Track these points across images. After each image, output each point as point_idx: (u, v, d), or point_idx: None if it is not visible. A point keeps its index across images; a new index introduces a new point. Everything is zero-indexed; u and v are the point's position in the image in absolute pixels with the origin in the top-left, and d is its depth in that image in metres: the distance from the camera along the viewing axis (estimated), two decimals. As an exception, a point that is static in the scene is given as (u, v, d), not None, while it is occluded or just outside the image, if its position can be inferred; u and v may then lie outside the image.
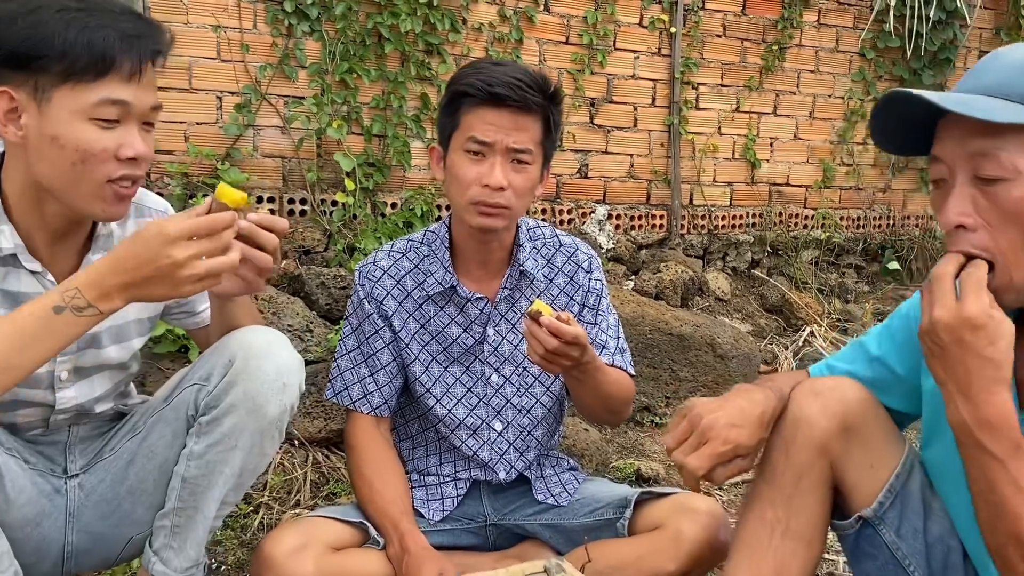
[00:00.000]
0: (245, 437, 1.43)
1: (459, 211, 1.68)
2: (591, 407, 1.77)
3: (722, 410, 1.28)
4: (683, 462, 1.26)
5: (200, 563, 1.53)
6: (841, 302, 4.48)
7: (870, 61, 4.61)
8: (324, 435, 2.52)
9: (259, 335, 1.45)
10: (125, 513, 1.54)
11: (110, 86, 1.28)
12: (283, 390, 1.44)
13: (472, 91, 1.61)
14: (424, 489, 1.81)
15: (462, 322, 1.77)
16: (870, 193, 4.80)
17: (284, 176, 3.29)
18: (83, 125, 1.27)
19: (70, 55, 1.24)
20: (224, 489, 1.47)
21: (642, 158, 4.09)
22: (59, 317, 1.20)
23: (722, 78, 4.23)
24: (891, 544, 1.31)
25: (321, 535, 1.59)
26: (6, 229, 1.36)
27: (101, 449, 1.55)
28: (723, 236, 4.35)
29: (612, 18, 3.88)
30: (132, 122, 1.32)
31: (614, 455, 2.82)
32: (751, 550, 1.32)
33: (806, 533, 1.30)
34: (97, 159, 1.29)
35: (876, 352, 1.43)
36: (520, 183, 1.64)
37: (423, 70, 3.44)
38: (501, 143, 1.61)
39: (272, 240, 1.35)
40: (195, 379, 1.47)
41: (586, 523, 1.74)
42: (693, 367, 3.26)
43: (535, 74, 1.64)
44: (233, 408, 1.41)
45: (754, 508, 1.33)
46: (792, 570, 1.30)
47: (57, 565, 1.52)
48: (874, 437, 1.30)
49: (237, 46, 3.13)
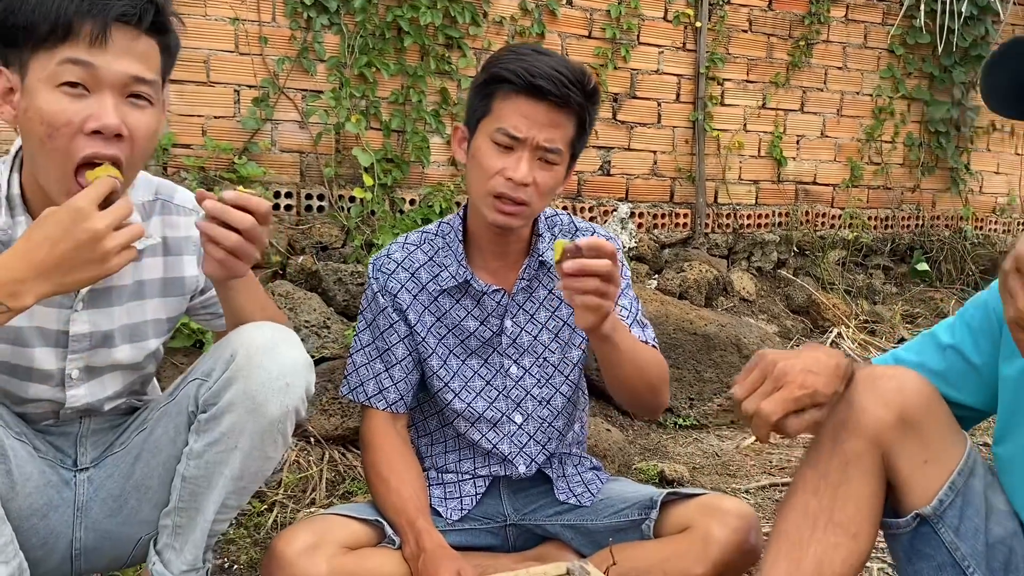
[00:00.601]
0: (245, 438, 1.35)
1: (477, 201, 1.61)
2: (628, 382, 1.62)
3: (797, 358, 1.20)
4: (755, 408, 1.17)
5: (199, 567, 1.46)
6: (869, 303, 4.38)
7: (899, 58, 4.51)
8: (340, 433, 2.46)
9: (264, 331, 1.37)
10: (132, 511, 1.49)
11: (71, 48, 1.20)
12: (285, 390, 1.34)
13: (512, 78, 1.53)
14: (442, 487, 1.74)
15: (479, 315, 1.71)
16: (899, 192, 4.70)
17: (302, 171, 3.24)
18: (50, 93, 1.20)
19: (32, 22, 1.19)
20: (224, 492, 1.40)
21: (666, 155, 4.02)
22: None
23: (748, 74, 4.15)
24: (950, 544, 1.23)
25: (335, 534, 1.52)
26: (23, 220, 1.31)
27: (112, 443, 1.50)
28: (748, 235, 4.27)
29: (636, 12, 3.81)
30: (104, 91, 1.22)
31: (636, 457, 2.75)
32: (791, 542, 1.24)
33: (851, 526, 1.23)
34: (61, 133, 1.20)
35: (949, 341, 1.36)
36: (544, 181, 1.57)
37: (443, 64, 3.39)
38: (533, 139, 1.54)
39: (243, 220, 1.26)
40: (198, 374, 1.41)
41: (610, 524, 1.67)
42: (718, 368, 3.18)
43: (577, 69, 1.56)
44: (232, 406, 1.33)
45: (797, 496, 1.26)
46: (835, 564, 1.22)
47: (65, 562, 1.47)
48: (932, 431, 1.23)
49: (255, 39, 3.09)
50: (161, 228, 1.47)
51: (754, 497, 2.51)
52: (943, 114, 4.59)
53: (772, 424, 1.16)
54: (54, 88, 1.20)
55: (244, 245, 1.27)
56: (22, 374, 1.38)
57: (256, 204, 1.27)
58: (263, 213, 1.28)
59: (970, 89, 4.66)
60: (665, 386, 1.69)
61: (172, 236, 1.48)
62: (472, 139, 1.61)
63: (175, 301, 1.52)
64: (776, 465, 2.80)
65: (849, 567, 1.24)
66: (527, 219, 1.62)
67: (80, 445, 1.48)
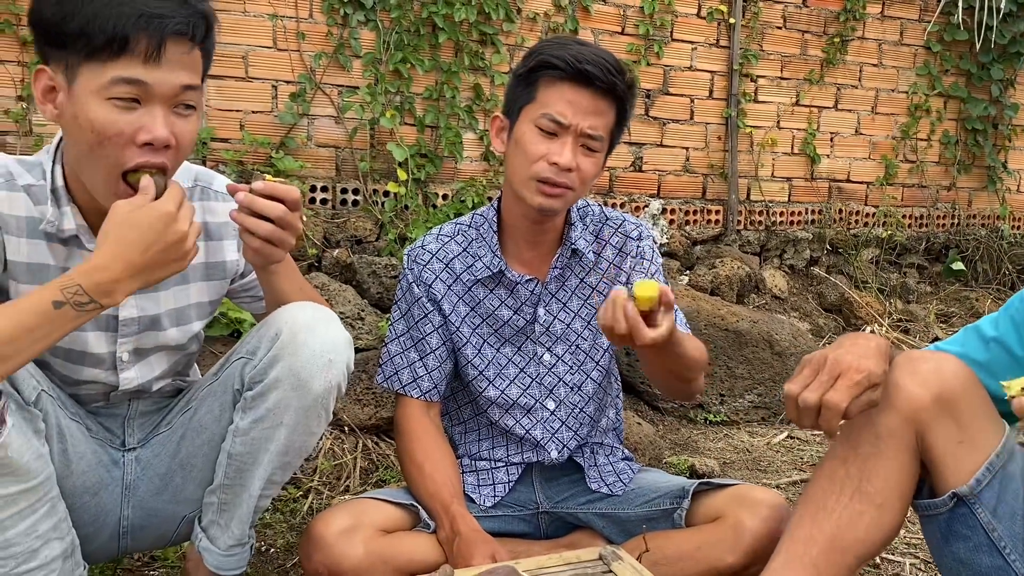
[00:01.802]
0: (290, 414, 1.40)
1: (518, 187, 1.63)
2: (669, 373, 1.64)
3: (842, 348, 1.24)
4: (819, 401, 1.20)
5: (245, 543, 1.52)
6: (903, 302, 4.34)
7: (936, 55, 4.46)
8: (374, 422, 2.50)
9: (306, 310, 1.41)
10: (177, 488, 1.53)
11: (127, 66, 1.21)
12: (329, 366, 1.39)
13: (560, 64, 1.55)
14: (475, 474, 1.77)
15: (512, 304, 1.73)
16: (934, 191, 4.65)
17: (337, 165, 3.29)
18: (100, 105, 1.22)
19: (87, 32, 1.20)
20: (269, 468, 1.44)
21: (698, 151, 4.01)
22: (58, 312, 1.15)
23: (782, 71, 4.13)
24: (987, 525, 1.24)
25: (371, 517, 1.56)
26: (68, 210, 1.35)
27: (158, 424, 1.54)
28: (781, 233, 4.25)
29: (669, 8, 3.81)
30: (155, 103, 1.25)
31: (667, 451, 2.75)
32: (816, 505, 1.28)
33: (878, 496, 1.25)
34: (112, 142, 1.23)
35: (993, 334, 1.37)
36: (587, 168, 1.60)
37: (477, 60, 3.41)
38: (577, 126, 1.57)
39: (274, 208, 1.31)
40: (242, 352, 1.45)
41: (642, 513, 1.68)
42: (750, 364, 3.18)
43: (618, 61, 1.59)
44: (278, 383, 1.38)
45: (826, 465, 1.29)
46: (857, 530, 1.25)
47: (114, 539, 1.52)
48: (968, 414, 1.24)
49: (293, 35, 3.14)
50: (201, 214, 1.51)
51: (785, 492, 2.51)
52: (980, 112, 4.53)
53: (843, 412, 1.19)
54: (105, 100, 1.22)
55: (278, 232, 1.32)
56: (76, 358, 1.43)
57: (284, 192, 1.32)
58: (293, 200, 1.32)
59: (1008, 86, 4.59)
60: (700, 374, 1.70)
61: (212, 221, 1.52)
62: (514, 126, 1.63)
63: (217, 285, 1.56)
64: (807, 461, 2.79)
65: (872, 535, 1.26)
66: (569, 203, 1.65)
67: (128, 426, 1.53)
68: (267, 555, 1.97)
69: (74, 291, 1.16)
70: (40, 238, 1.35)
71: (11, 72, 2.80)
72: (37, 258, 1.35)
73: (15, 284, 1.34)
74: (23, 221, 1.33)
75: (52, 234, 1.35)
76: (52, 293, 1.16)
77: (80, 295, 1.16)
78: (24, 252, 1.33)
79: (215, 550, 1.50)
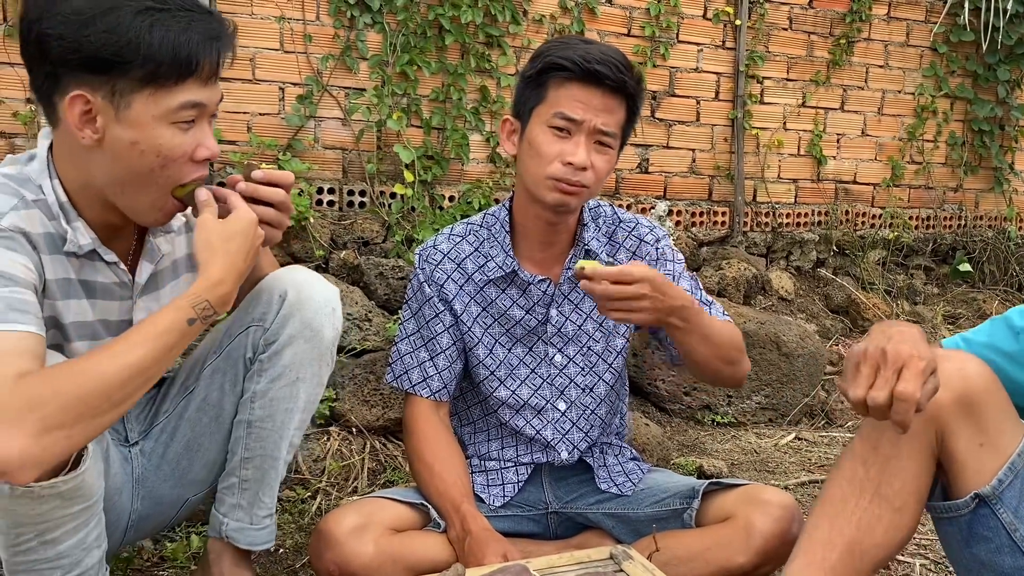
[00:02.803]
0: (306, 367, 1.49)
1: (533, 187, 1.63)
2: (705, 360, 1.64)
3: (890, 340, 1.16)
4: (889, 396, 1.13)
5: (272, 512, 1.57)
6: (910, 304, 4.33)
7: (942, 56, 4.45)
8: (382, 423, 2.50)
9: (299, 272, 1.54)
10: (183, 471, 1.55)
11: (191, 89, 1.26)
12: (333, 314, 1.52)
13: (569, 65, 1.56)
14: (485, 475, 1.77)
15: (524, 304, 1.73)
16: (940, 192, 4.64)
17: (344, 167, 3.29)
18: (164, 129, 1.27)
19: (154, 59, 1.22)
20: (292, 427, 1.51)
21: (704, 153, 4.01)
22: (191, 328, 1.26)
23: (788, 72, 4.13)
24: (1009, 525, 1.23)
25: (381, 516, 1.56)
26: (79, 225, 1.35)
27: (155, 413, 1.56)
28: (787, 234, 4.24)
29: (675, 10, 3.81)
30: (204, 120, 1.31)
31: (675, 452, 2.75)
32: (835, 508, 1.27)
33: (897, 499, 1.24)
34: (176, 163, 1.30)
35: (1021, 324, 1.36)
36: (601, 165, 1.61)
37: (483, 63, 3.42)
38: (590, 123, 1.57)
39: (276, 194, 1.39)
40: (247, 321, 1.50)
41: (651, 513, 1.68)
42: (757, 365, 3.17)
43: (626, 59, 1.61)
44: (292, 339, 1.47)
45: (845, 466, 1.28)
46: (875, 534, 1.24)
47: (120, 533, 1.52)
48: (990, 416, 1.23)
49: (300, 37, 3.15)
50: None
51: (794, 493, 2.51)
52: (987, 113, 4.52)
53: (917, 402, 1.13)
54: (169, 124, 1.27)
55: (278, 215, 1.40)
56: None
57: (281, 177, 1.40)
58: (289, 184, 1.41)
59: (1015, 87, 4.59)
60: (742, 355, 1.70)
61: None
62: (525, 128, 1.63)
63: None
64: (815, 463, 2.78)
65: (890, 539, 1.25)
66: (583, 200, 1.65)
67: (127, 421, 1.54)
68: (276, 555, 1.97)
69: (203, 307, 1.26)
70: (59, 253, 1.34)
71: (20, 75, 2.81)
72: (62, 273, 1.35)
73: (50, 302, 1.34)
74: (43, 238, 1.32)
75: (75, 252, 1.35)
76: (184, 312, 1.25)
77: (208, 309, 1.27)
78: (52, 269, 1.33)
79: (248, 527, 1.53)
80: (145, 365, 1.19)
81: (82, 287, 1.38)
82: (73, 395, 1.11)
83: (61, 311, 1.35)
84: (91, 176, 1.32)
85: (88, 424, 1.14)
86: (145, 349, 1.20)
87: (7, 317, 1.17)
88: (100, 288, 1.40)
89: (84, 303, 1.38)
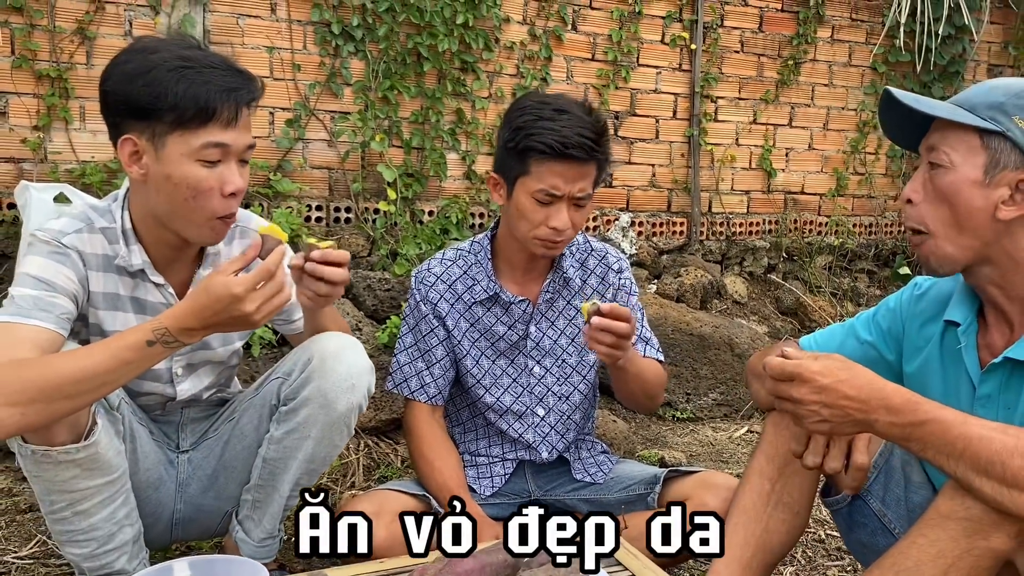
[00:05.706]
0: (316, 428, 1.64)
1: (522, 240, 1.87)
2: (632, 393, 1.96)
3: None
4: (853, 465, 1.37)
5: (275, 536, 1.78)
6: (854, 305, 4.66)
7: (882, 75, 4.79)
8: (374, 424, 2.75)
9: (335, 340, 1.66)
10: (221, 487, 1.78)
11: (212, 131, 1.47)
12: (351, 390, 1.63)
13: (547, 150, 1.76)
14: (475, 468, 2.03)
15: (507, 321, 1.99)
16: (882, 201, 4.99)
17: (331, 186, 3.53)
18: (191, 166, 1.48)
19: (180, 107, 1.45)
20: (297, 473, 1.69)
21: (663, 168, 4.31)
22: (150, 348, 1.39)
23: (740, 92, 4.44)
24: (878, 512, 1.51)
25: (391, 504, 1.82)
26: (136, 248, 1.60)
27: (207, 430, 1.79)
28: (740, 242, 4.55)
29: (636, 36, 4.10)
30: (231, 160, 1.51)
31: (639, 445, 3.04)
32: (747, 516, 1.52)
33: (795, 505, 1.51)
34: (205, 195, 1.50)
35: (867, 337, 1.59)
36: (579, 219, 1.86)
37: (458, 87, 3.67)
38: (569, 192, 1.80)
39: (334, 273, 1.53)
40: (280, 373, 1.71)
41: (620, 497, 1.96)
42: (712, 365, 3.47)
43: (595, 123, 1.80)
44: (308, 401, 1.63)
45: (752, 480, 1.54)
46: (780, 535, 1.51)
47: (167, 529, 1.77)
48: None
49: (288, 65, 3.38)
50: (241, 250, 1.76)
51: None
52: (923, 127, 4.85)
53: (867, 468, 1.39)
54: (195, 161, 1.48)
55: (331, 289, 1.56)
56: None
57: (339, 256, 1.55)
58: (346, 261, 1.56)
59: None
60: (662, 391, 2.02)
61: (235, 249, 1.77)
62: (513, 191, 1.85)
63: None
64: (765, 453, 3.08)
65: (791, 537, 1.53)
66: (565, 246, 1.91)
67: (181, 431, 1.78)
68: (290, 543, 2.21)
69: (162, 332, 1.39)
70: (112, 271, 1.60)
71: (27, 104, 3.01)
72: (111, 288, 1.60)
73: (94, 311, 1.59)
74: (100, 258, 1.58)
75: (123, 268, 1.60)
76: (145, 334, 1.39)
77: (167, 336, 1.40)
78: (101, 284, 1.59)
79: (249, 542, 1.75)
80: (98, 371, 1.35)
81: (132, 303, 1.62)
82: (32, 382, 1.31)
83: (103, 319, 1.60)
84: (148, 206, 1.57)
85: (42, 408, 1.32)
86: (102, 357, 1.36)
87: (31, 313, 1.43)
88: (150, 306, 1.64)
89: (131, 316, 1.62)
